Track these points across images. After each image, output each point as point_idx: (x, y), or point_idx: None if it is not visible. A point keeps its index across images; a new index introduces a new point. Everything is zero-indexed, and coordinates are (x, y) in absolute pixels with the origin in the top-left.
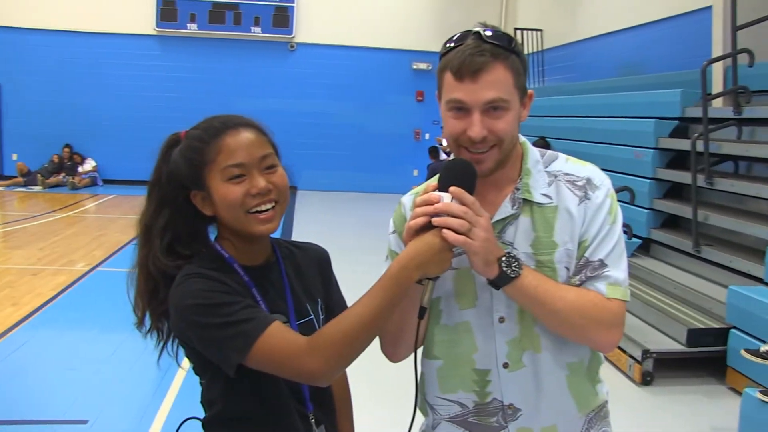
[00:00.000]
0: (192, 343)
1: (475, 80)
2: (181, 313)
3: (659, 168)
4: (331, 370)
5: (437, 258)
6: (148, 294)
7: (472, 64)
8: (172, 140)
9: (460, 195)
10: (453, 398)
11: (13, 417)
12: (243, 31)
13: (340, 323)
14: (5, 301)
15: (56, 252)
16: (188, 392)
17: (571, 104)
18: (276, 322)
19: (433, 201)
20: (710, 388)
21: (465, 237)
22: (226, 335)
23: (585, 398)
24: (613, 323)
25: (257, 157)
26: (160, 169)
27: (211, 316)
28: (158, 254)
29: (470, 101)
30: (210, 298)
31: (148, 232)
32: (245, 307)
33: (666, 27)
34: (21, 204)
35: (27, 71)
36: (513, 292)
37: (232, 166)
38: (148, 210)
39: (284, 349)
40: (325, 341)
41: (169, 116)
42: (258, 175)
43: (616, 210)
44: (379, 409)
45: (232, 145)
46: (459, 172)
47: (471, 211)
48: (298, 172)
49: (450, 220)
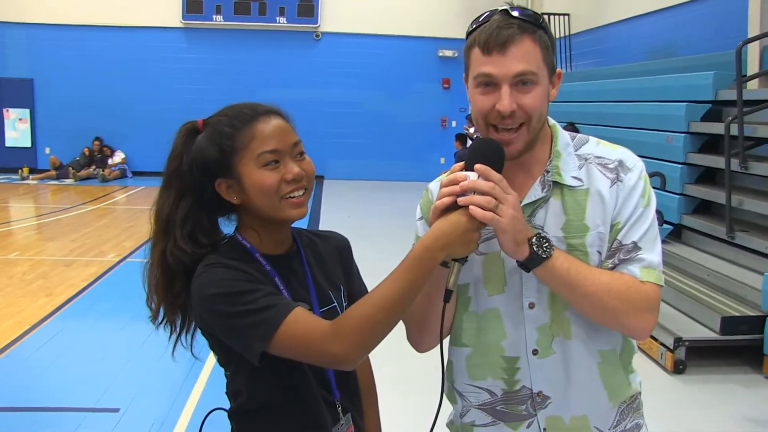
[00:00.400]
0: (215, 334)
1: (504, 53)
2: (204, 303)
3: (691, 153)
4: (355, 353)
5: (463, 238)
6: (164, 287)
7: (499, 36)
8: (189, 128)
9: (486, 172)
10: (482, 385)
11: (48, 404)
12: (268, 21)
13: (363, 306)
14: (39, 292)
15: (87, 243)
16: (217, 381)
17: (600, 89)
18: (298, 308)
19: (459, 180)
20: (745, 377)
21: (492, 213)
22: (249, 323)
23: (617, 388)
24: (647, 308)
25: (290, 143)
26: (179, 158)
27: (232, 304)
28: (180, 244)
29: (499, 74)
30: (232, 287)
31: (167, 223)
32: (267, 294)
33: (698, 8)
34: (54, 197)
35: (57, 67)
36: (544, 275)
37: (267, 153)
38: (167, 201)
39: (307, 334)
40: (349, 324)
41: (196, 108)
42: (291, 161)
43: (649, 192)
44: (404, 396)
45: (266, 132)
46: (486, 150)
47: (498, 188)
48: (324, 161)
49: (476, 197)
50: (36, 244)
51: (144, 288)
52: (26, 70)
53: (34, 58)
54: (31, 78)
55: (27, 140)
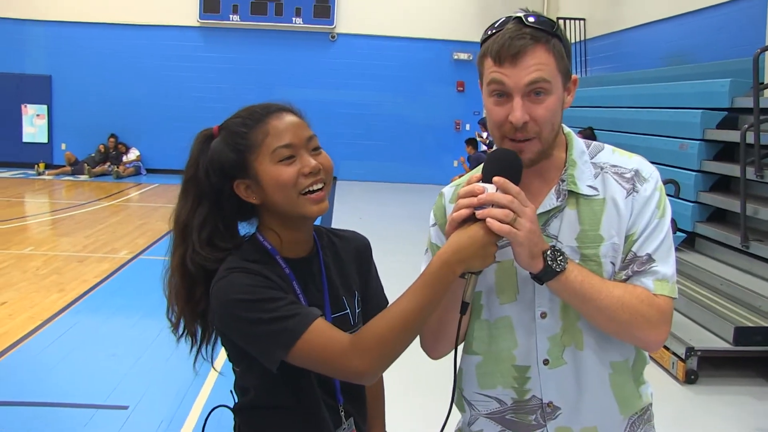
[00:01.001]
0: (233, 337)
1: (515, 63)
2: (225, 307)
3: (706, 160)
4: (375, 368)
5: (481, 252)
6: (185, 294)
7: (511, 47)
8: (205, 135)
9: (504, 185)
10: (492, 394)
11: (58, 400)
12: (284, 21)
13: (383, 321)
14: (52, 287)
15: (101, 240)
16: (227, 379)
17: (615, 95)
18: (320, 319)
19: (476, 192)
20: (759, 389)
21: (510, 227)
22: (271, 331)
23: (628, 399)
24: (660, 321)
25: (304, 137)
26: (196, 164)
27: (255, 311)
28: (198, 249)
29: (510, 84)
30: (254, 293)
31: (185, 229)
32: (289, 303)
33: (715, 14)
34: (68, 192)
35: (75, 64)
36: (557, 287)
37: (282, 147)
38: (185, 207)
39: (328, 348)
40: (369, 340)
41: (212, 107)
42: (307, 154)
43: (664, 203)
44: (411, 403)
45: (280, 127)
46: (504, 162)
47: (516, 201)
48: (338, 162)
49: (494, 210)
50: (50, 239)
51: (164, 296)
52: (45, 66)
53: (53, 55)
54: (50, 74)
55: (44, 136)
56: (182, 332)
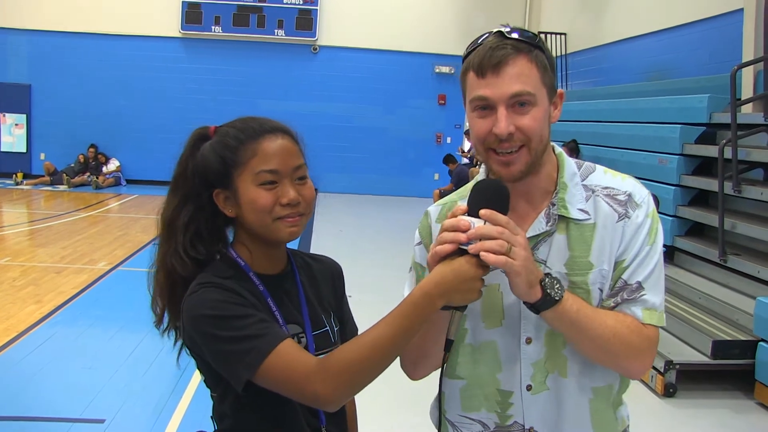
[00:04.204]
0: (203, 355)
1: (498, 74)
2: (194, 323)
3: (684, 174)
4: (339, 396)
5: (465, 286)
6: (168, 290)
7: (493, 58)
8: (200, 134)
9: (492, 217)
10: (475, 417)
11: (33, 414)
12: (267, 33)
13: (353, 347)
14: (29, 299)
15: (79, 251)
16: (205, 393)
17: (595, 109)
18: (287, 340)
19: (462, 227)
20: (737, 402)
21: (506, 257)
22: (237, 350)
23: (605, 424)
24: (646, 350)
25: (291, 166)
26: (186, 162)
27: (223, 328)
28: (179, 250)
29: (494, 96)
30: (224, 310)
31: (170, 227)
32: (258, 321)
33: (694, 31)
34: (47, 203)
35: (55, 73)
36: (553, 317)
37: (266, 172)
38: (171, 204)
39: (293, 370)
40: (337, 365)
41: (193, 118)
42: (289, 185)
43: (656, 230)
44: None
45: (269, 150)
46: (490, 192)
47: (507, 231)
48: (319, 174)
49: (487, 242)
50: (27, 250)
51: (149, 291)
52: (24, 75)
53: (33, 64)
54: (29, 84)
55: (22, 145)
56: (166, 327)
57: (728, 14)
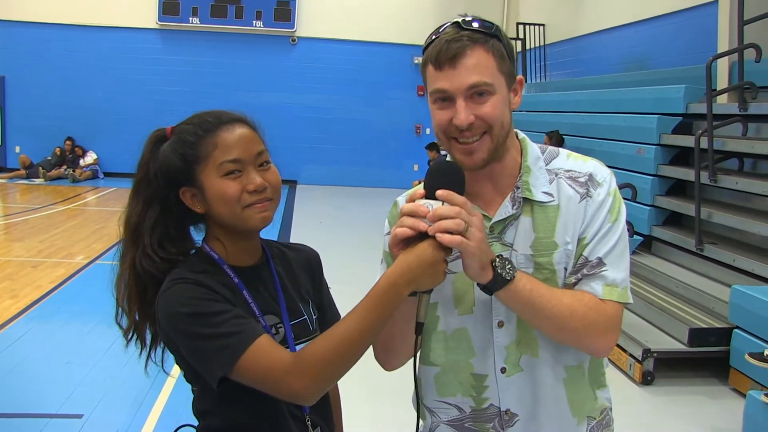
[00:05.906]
0: (179, 350)
1: (454, 66)
2: (169, 320)
3: (662, 164)
4: (315, 390)
5: (430, 271)
6: (137, 296)
7: (449, 50)
8: (158, 136)
9: (449, 197)
10: (451, 401)
11: (9, 410)
12: (245, 25)
13: (325, 341)
14: (4, 294)
15: (56, 245)
16: (184, 388)
17: (573, 100)
18: (263, 336)
19: (419, 212)
20: (712, 388)
21: (461, 238)
22: (212, 347)
23: (582, 403)
24: (607, 327)
25: (253, 153)
26: (147, 165)
27: (198, 326)
28: (149, 252)
29: (452, 88)
30: (198, 307)
31: (135, 231)
32: (233, 317)
33: (671, 22)
34: (23, 196)
35: (30, 64)
36: (506, 297)
37: (228, 162)
38: (136, 208)
39: (269, 367)
40: (311, 360)
41: (172, 109)
42: (254, 171)
43: (618, 208)
44: (373, 408)
45: (228, 141)
46: (445, 173)
47: (464, 211)
48: (298, 166)
49: (445, 221)
50: (3, 244)
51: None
52: None
53: (7, 55)
54: (3, 75)
55: None
56: (131, 336)
57: (704, 6)
